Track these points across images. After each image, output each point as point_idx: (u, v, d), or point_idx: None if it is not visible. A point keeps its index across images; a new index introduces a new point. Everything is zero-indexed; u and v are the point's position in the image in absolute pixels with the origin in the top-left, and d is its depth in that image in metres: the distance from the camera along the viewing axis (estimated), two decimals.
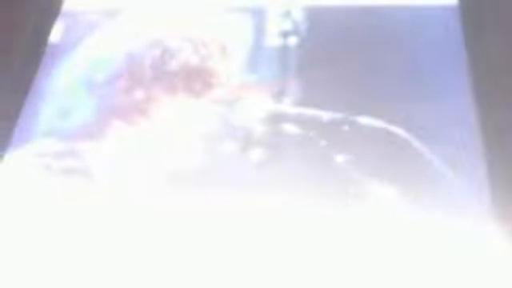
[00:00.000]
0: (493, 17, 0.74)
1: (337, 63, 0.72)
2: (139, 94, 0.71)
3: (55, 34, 0.77)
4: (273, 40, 0.75)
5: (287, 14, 0.77)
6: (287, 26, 0.76)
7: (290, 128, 0.67)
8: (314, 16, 0.76)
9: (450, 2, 0.76)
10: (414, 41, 0.73)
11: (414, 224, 0.60)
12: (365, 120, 0.67)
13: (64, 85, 0.73)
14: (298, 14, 0.77)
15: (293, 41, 0.75)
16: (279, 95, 0.70)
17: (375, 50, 0.73)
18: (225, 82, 0.72)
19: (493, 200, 0.60)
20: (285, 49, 0.74)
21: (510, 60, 0.70)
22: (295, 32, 0.75)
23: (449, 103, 0.67)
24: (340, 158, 0.65)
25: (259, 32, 0.76)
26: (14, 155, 0.67)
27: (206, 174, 0.64)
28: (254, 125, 0.68)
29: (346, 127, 0.67)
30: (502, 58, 0.70)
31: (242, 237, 0.60)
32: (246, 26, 0.76)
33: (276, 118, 0.68)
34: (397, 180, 0.62)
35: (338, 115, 0.67)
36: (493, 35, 0.72)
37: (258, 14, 0.77)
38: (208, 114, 0.69)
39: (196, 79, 0.72)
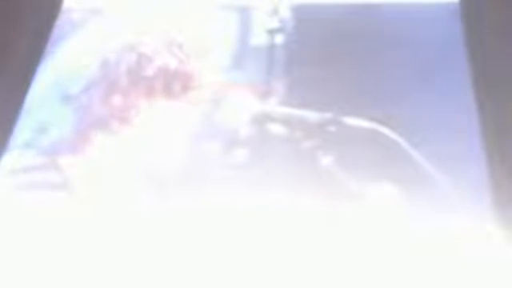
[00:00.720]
0: (493, 15, 0.73)
1: (326, 62, 0.71)
2: (117, 102, 0.69)
3: None
4: (259, 39, 0.74)
5: (274, 11, 0.76)
6: (274, 24, 0.75)
7: (276, 128, 0.66)
8: (302, 14, 0.75)
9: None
10: (410, 39, 0.72)
11: (403, 223, 0.59)
12: (352, 120, 0.66)
13: (39, 95, 0.71)
14: (286, 12, 0.76)
15: (280, 39, 0.74)
16: (265, 95, 0.69)
17: (367, 49, 0.72)
18: (205, 83, 0.70)
19: (493, 200, 0.60)
20: (272, 47, 0.73)
21: (510, 59, 0.69)
22: (282, 30, 0.74)
23: (448, 102, 0.67)
24: (326, 159, 0.63)
25: (245, 30, 0.75)
26: None
27: (191, 176, 0.63)
28: (239, 125, 0.67)
29: (332, 128, 0.66)
30: (502, 57, 0.70)
31: (228, 238, 0.59)
32: (231, 25, 0.75)
33: (261, 119, 0.67)
34: (383, 180, 0.61)
35: (325, 116, 0.66)
36: (493, 34, 0.72)
37: (244, 12, 0.76)
38: (191, 115, 0.68)
39: (175, 82, 0.71)
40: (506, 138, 0.64)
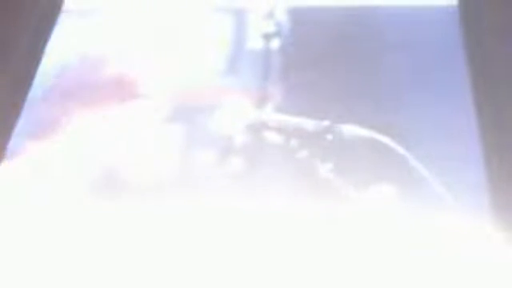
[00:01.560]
0: (491, 17, 0.73)
1: (323, 66, 0.70)
2: (70, 108, 0.68)
3: None
4: (255, 42, 0.73)
5: (270, 14, 0.75)
6: (270, 27, 0.74)
7: (271, 137, 0.65)
8: (299, 17, 0.75)
9: (448, 2, 0.75)
10: (408, 42, 0.72)
11: (401, 227, 0.59)
12: (349, 128, 0.65)
13: None
14: (282, 15, 0.75)
15: (276, 43, 0.73)
16: (261, 101, 0.68)
17: (365, 52, 0.71)
18: (199, 88, 0.70)
19: (491, 202, 0.60)
20: (268, 51, 0.72)
21: (508, 60, 0.69)
22: (279, 34, 0.74)
23: (446, 105, 0.66)
24: (322, 168, 0.63)
25: (241, 33, 0.74)
26: None
27: (184, 184, 0.62)
28: (234, 133, 0.66)
29: (329, 136, 0.65)
30: (500, 59, 0.69)
31: (222, 246, 0.58)
32: (226, 27, 0.74)
33: (257, 126, 0.66)
34: (381, 186, 0.61)
35: (322, 123, 0.66)
36: (491, 35, 0.71)
37: (240, 15, 0.75)
38: (187, 120, 0.67)
39: (123, 89, 0.70)
40: (504, 140, 0.63)
